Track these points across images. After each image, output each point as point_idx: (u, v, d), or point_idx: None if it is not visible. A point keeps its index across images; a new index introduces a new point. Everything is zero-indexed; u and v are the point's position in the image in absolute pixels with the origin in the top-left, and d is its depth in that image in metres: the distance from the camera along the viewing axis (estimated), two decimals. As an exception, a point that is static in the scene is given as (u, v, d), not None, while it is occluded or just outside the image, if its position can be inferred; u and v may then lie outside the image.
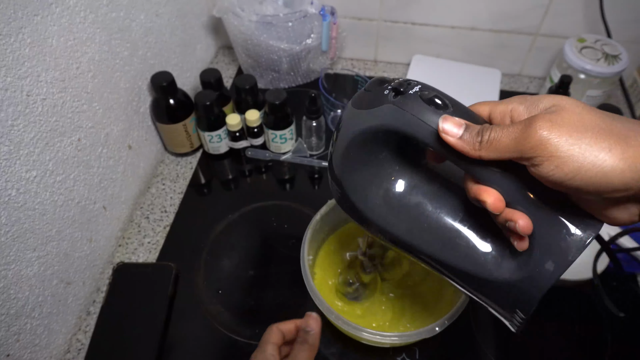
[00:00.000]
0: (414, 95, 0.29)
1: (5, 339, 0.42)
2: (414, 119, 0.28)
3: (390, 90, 0.30)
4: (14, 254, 0.42)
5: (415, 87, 0.29)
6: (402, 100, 0.29)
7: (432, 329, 0.40)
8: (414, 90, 0.29)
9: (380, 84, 0.31)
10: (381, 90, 0.30)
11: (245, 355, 0.49)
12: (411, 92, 0.29)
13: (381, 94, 0.30)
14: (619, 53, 0.64)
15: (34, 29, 0.41)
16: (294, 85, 0.79)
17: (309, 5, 0.68)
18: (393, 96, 0.30)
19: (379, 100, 0.30)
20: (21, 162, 0.42)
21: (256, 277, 0.55)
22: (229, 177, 0.68)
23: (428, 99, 0.28)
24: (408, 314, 0.48)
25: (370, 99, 0.31)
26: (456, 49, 0.78)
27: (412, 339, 0.42)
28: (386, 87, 0.30)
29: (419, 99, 0.29)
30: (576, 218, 0.27)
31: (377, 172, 0.34)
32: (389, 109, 0.29)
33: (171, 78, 0.60)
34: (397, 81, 0.30)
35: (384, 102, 0.30)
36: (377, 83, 0.31)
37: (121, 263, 0.55)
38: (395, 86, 0.30)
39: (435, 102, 0.28)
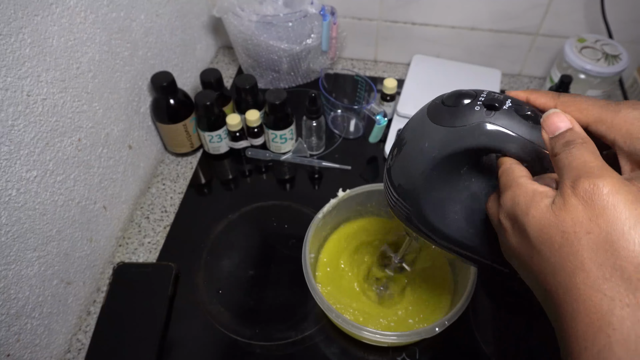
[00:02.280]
0: (509, 111, 0.28)
1: (5, 338, 0.42)
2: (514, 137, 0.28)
3: (482, 105, 0.29)
4: (14, 254, 0.42)
5: (508, 102, 0.29)
6: (498, 118, 0.28)
7: (432, 330, 0.40)
8: (507, 106, 0.28)
9: (462, 97, 0.30)
10: (469, 106, 0.29)
11: (246, 355, 0.50)
12: (505, 109, 0.28)
13: (470, 109, 0.29)
14: (619, 53, 0.64)
15: (34, 29, 0.41)
16: (294, 85, 0.79)
17: (309, 5, 0.68)
18: (486, 112, 0.28)
19: (469, 117, 0.29)
20: (21, 162, 0.42)
21: (256, 277, 0.55)
22: (229, 177, 0.68)
23: (523, 115, 0.28)
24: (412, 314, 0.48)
25: (455, 114, 0.29)
26: (456, 48, 0.78)
27: (412, 339, 0.42)
28: (475, 103, 0.29)
29: (516, 115, 0.28)
30: None
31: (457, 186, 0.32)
32: (485, 127, 0.28)
33: (171, 78, 0.60)
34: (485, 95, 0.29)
35: (477, 120, 0.28)
36: (458, 97, 0.30)
37: (121, 263, 0.55)
38: (487, 102, 0.29)
39: (530, 116, 0.28)
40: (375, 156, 0.69)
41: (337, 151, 0.69)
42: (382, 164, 0.68)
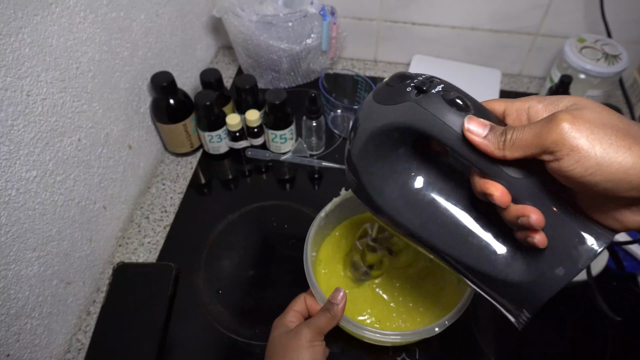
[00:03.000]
0: (436, 94, 0.29)
1: (5, 339, 0.42)
2: (435, 119, 0.28)
3: (413, 87, 0.30)
4: (14, 254, 0.42)
5: (438, 87, 0.29)
6: (424, 99, 0.29)
7: (432, 329, 0.40)
8: (437, 89, 0.29)
9: (403, 79, 0.31)
10: (403, 86, 0.30)
11: (246, 355, 0.50)
12: (434, 92, 0.29)
13: (403, 90, 0.30)
14: (619, 53, 0.64)
15: (33, 29, 0.41)
16: (294, 85, 0.79)
17: (309, 5, 0.68)
18: (415, 94, 0.29)
19: (400, 97, 0.30)
20: (21, 162, 0.42)
21: (256, 277, 0.55)
22: (229, 177, 0.68)
23: (450, 100, 0.28)
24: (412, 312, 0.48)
25: (392, 94, 0.31)
26: (456, 49, 0.78)
27: (412, 339, 0.42)
28: (409, 84, 0.30)
29: (441, 99, 0.29)
30: (588, 226, 0.27)
31: (395, 166, 0.34)
32: (410, 107, 0.29)
33: (171, 78, 0.60)
34: (420, 79, 0.30)
35: (406, 100, 0.30)
36: (400, 78, 0.31)
37: (121, 263, 0.55)
38: (418, 84, 0.30)
39: (457, 103, 0.28)
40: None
41: (337, 151, 0.69)
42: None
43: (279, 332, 0.39)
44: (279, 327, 0.39)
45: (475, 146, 0.27)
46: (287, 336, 0.38)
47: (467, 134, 0.27)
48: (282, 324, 0.40)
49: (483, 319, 0.51)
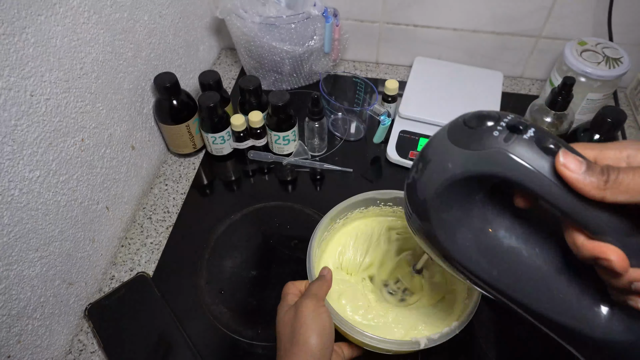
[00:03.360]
0: (528, 140, 0.26)
1: (6, 340, 0.42)
2: (529, 169, 0.26)
3: (500, 131, 0.27)
4: (17, 254, 0.42)
5: (530, 131, 0.27)
6: (515, 147, 0.26)
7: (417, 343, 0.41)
8: (529, 135, 0.26)
9: (484, 120, 0.28)
10: (488, 129, 0.28)
11: (248, 355, 0.49)
12: (525, 137, 0.26)
13: (489, 134, 0.27)
14: (620, 56, 0.64)
15: (37, 29, 0.41)
16: (296, 87, 0.79)
17: (311, 7, 0.68)
18: (504, 139, 0.27)
19: (486, 142, 0.27)
20: (24, 162, 0.42)
21: (258, 277, 0.55)
22: (232, 178, 0.68)
23: (545, 148, 0.26)
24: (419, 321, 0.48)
25: (474, 137, 0.28)
26: (458, 51, 0.78)
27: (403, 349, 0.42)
28: (494, 127, 0.27)
29: (535, 146, 0.26)
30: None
31: (471, 212, 0.31)
32: (500, 155, 0.27)
33: (174, 79, 0.60)
34: (507, 121, 0.28)
35: (494, 146, 0.27)
36: (481, 119, 0.29)
37: (89, 305, 0.52)
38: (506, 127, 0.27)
39: (551, 149, 0.26)
40: (377, 156, 0.69)
41: (337, 153, 0.69)
42: (384, 166, 0.68)
43: (283, 313, 0.39)
44: (283, 308, 0.40)
45: (570, 184, 0.25)
46: (290, 314, 0.38)
47: (562, 169, 0.25)
48: (286, 304, 0.40)
49: (486, 323, 0.51)
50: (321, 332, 0.37)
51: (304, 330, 0.36)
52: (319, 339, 0.36)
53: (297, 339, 0.36)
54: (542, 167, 0.26)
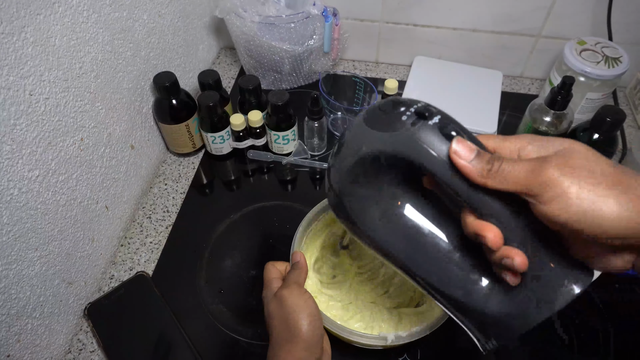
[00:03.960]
0: (432, 126, 0.28)
1: (5, 339, 0.42)
2: (430, 152, 0.28)
3: (409, 116, 0.29)
4: (16, 254, 0.42)
5: (435, 118, 0.29)
6: (420, 131, 0.28)
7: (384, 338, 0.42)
8: (434, 121, 0.29)
9: (397, 106, 0.30)
10: (398, 114, 0.30)
11: (247, 355, 0.49)
12: (430, 123, 0.29)
13: (398, 118, 0.30)
14: (619, 56, 0.64)
15: (36, 28, 0.41)
16: (296, 87, 0.79)
17: (311, 6, 0.68)
18: (411, 124, 0.29)
19: (395, 125, 0.29)
20: (23, 162, 0.42)
21: (258, 277, 0.55)
22: (231, 177, 0.68)
23: (447, 134, 0.28)
24: None
25: (385, 120, 0.30)
26: (458, 50, 0.78)
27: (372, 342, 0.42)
28: (404, 112, 0.30)
29: (438, 132, 0.28)
30: (569, 267, 0.27)
31: (379, 190, 0.33)
32: (405, 137, 0.29)
33: (174, 78, 0.60)
34: (416, 107, 0.30)
35: (401, 128, 0.29)
36: (394, 104, 0.31)
37: (88, 304, 0.52)
38: (414, 113, 0.29)
39: (452, 136, 0.28)
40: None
41: (338, 152, 0.69)
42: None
43: (267, 302, 0.40)
44: (268, 297, 0.41)
45: (459, 169, 0.27)
46: (274, 305, 0.39)
47: (453, 155, 0.27)
48: (271, 293, 0.41)
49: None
50: (311, 317, 0.37)
51: (294, 318, 0.37)
52: (311, 324, 0.37)
53: (289, 327, 0.37)
54: (441, 151, 0.28)
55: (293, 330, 0.36)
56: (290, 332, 0.37)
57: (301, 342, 0.36)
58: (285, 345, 0.36)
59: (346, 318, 0.48)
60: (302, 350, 0.36)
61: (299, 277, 0.42)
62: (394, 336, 0.41)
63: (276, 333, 0.38)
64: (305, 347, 0.36)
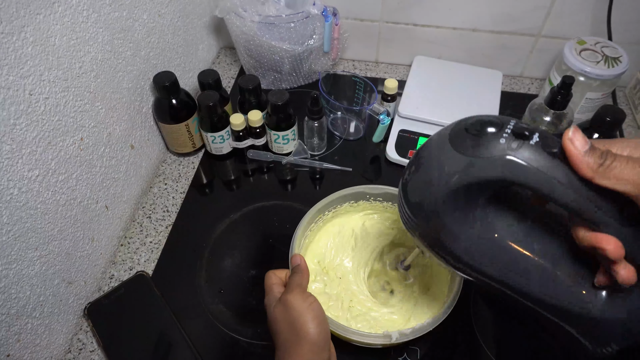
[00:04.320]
0: (535, 146, 0.27)
1: (5, 338, 0.42)
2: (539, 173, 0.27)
3: (506, 138, 0.28)
4: (16, 253, 0.42)
5: (535, 137, 0.28)
6: (524, 153, 0.27)
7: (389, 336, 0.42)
8: (535, 140, 0.28)
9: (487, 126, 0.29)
10: (493, 136, 0.28)
11: (247, 354, 0.49)
12: (532, 143, 0.27)
13: (495, 141, 0.28)
14: (619, 55, 0.64)
15: (36, 28, 0.41)
16: (295, 86, 0.79)
17: (311, 6, 0.68)
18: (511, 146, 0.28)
19: (493, 149, 0.28)
20: (23, 161, 0.42)
21: (258, 276, 0.55)
22: (231, 177, 0.68)
23: (550, 152, 0.27)
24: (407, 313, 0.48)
25: (478, 143, 0.29)
26: (458, 50, 0.78)
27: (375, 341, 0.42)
28: (500, 134, 0.28)
29: (543, 151, 0.27)
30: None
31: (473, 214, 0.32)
32: (510, 162, 0.28)
33: (174, 78, 0.60)
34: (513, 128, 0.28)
35: (502, 153, 0.28)
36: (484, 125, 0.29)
37: (88, 304, 0.52)
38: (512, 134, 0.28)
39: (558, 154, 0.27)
40: (377, 156, 0.69)
41: (337, 152, 0.69)
42: (383, 165, 0.68)
43: (272, 308, 0.40)
44: (272, 303, 0.40)
45: (570, 158, 0.26)
46: (280, 310, 0.39)
47: (567, 143, 0.26)
48: (274, 298, 0.40)
49: (484, 318, 0.51)
50: (318, 320, 0.37)
51: (301, 322, 0.37)
52: (318, 327, 0.37)
53: (297, 332, 0.36)
54: (549, 169, 0.27)
55: (300, 333, 0.36)
56: (297, 335, 0.36)
57: (309, 344, 0.36)
58: (293, 348, 0.36)
59: (348, 318, 0.48)
60: (310, 353, 0.36)
61: (300, 280, 0.41)
62: (398, 334, 0.41)
63: (283, 337, 0.37)
64: (313, 350, 0.36)
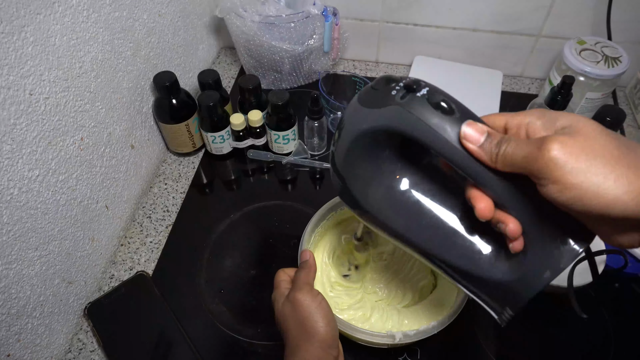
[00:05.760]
0: (421, 98, 0.29)
1: (6, 338, 0.42)
2: (419, 122, 0.28)
3: (398, 90, 0.30)
4: (16, 253, 0.42)
5: (423, 90, 0.29)
6: (408, 103, 0.29)
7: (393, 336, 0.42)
8: (422, 92, 0.29)
9: (388, 82, 0.31)
10: (388, 89, 0.31)
11: (247, 354, 0.49)
12: (419, 95, 0.29)
13: (388, 93, 0.30)
14: (619, 55, 0.64)
15: (36, 28, 0.41)
16: (295, 86, 0.79)
17: (311, 6, 0.68)
18: (400, 97, 0.30)
19: (385, 100, 0.30)
20: (23, 161, 0.42)
21: (258, 276, 0.55)
22: (231, 177, 0.68)
23: (435, 103, 0.28)
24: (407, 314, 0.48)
25: (376, 97, 0.31)
26: (458, 50, 0.78)
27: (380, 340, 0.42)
28: (394, 87, 0.30)
29: (426, 102, 0.29)
30: (572, 229, 0.28)
31: (379, 168, 0.34)
32: (395, 111, 0.29)
33: (174, 78, 0.60)
34: (405, 81, 0.30)
35: (391, 103, 0.30)
36: (385, 81, 0.31)
37: (88, 303, 0.52)
38: (403, 87, 0.30)
39: (442, 106, 0.28)
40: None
41: (338, 152, 0.69)
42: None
43: (280, 305, 0.40)
44: (280, 299, 0.40)
45: (470, 153, 0.27)
46: (288, 307, 0.39)
47: (464, 141, 0.27)
48: (281, 294, 0.41)
49: (483, 318, 0.51)
50: (327, 319, 0.38)
51: (311, 320, 0.37)
52: (328, 325, 0.37)
53: (308, 329, 0.37)
54: (432, 121, 0.28)
55: (311, 331, 0.37)
56: (308, 333, 0.37)
57: (319, 341, 0.36)
58: (303, 345, 0.36)
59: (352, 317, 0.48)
60: (320, 350, 0.36)
61: (307, 276, 0.42)
62: (402, 334, 0.42)
63: (292, 335, 0.38)
64: (323, 347, 0.36)
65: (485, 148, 0.27)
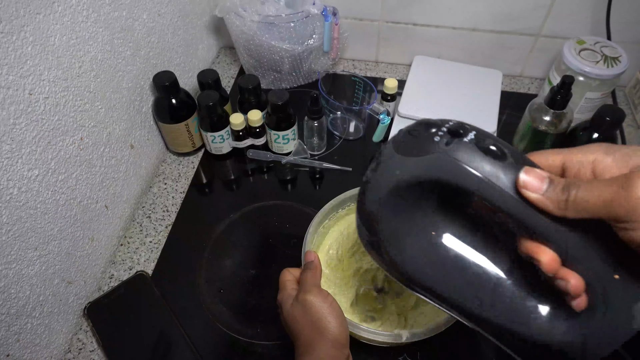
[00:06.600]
0: (468, 143, 0.26)
1: (5, 338, 0.42)
2: (470, 171, 0.26)
3: (442, 136, 0.27)
4: (15, 253, 0.42)
5: (470, 134, 0.27)
6: (455, 150, 0.26)
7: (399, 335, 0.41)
8: (469, 137, 0.27)
9: (428, 127, 0.28)
10: (430, 135, 0.28)
11: (247, 354, 0.49)
12: (465, 140, 0.27)
13: (430, 139, 0.27)
14: (618, 55, 0.64)
15: (36, 27, 0.41)
16: (295, 86, 0.79)
17: (311, 5, 0.68)
18: (445, 143, 0.27)
19: (427, 147, 0.27)
20: (23, 161, 0.42)
21: (258, 276, 0.55)
22: (231, 177, 0.68)
23: (485, 148, 0.26)
24: None
25: (416, 144, 0.28)
26: (457, 49, 0.78)
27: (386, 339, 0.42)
28: (436, 133, 0.27)
29: (475, 148, 0.26)
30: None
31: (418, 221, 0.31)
32: (440, 159, 0.27)
33: (173, 78, 0.60)
34: (448, 125, 0.28)
35: (434, 150, 0.27)
36: (425, 126, 0.29)
37: (88, 303, 0.52)
38: (447, 132, 0.27)
39: (492, 151, 0.26)
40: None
41: (337, 152, 0.69)
42: (383, 165, 0.68)
43: (289, 307, 0.40)
44: (288, 301, 0.40)
45: (532, 203, 0.24)
46: (298, 309, 0.39)
47: (523, 190, 0.24)
48: (289, 295, 0.41)
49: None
50: (339, 319, 0.38)
51: (324, 321, 0.38)
52: (340, 326, 0.38)
53: (321, 330, 0.37)
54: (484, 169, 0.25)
55: (324, 332, 0.37)
56: (321, 333, 0.37)
57: (332, 341, 0.37)
58: (317, 345, 0.37)
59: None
60: (334, 349, 0.37)
61: (314, 277, 0.42)
62: (409, 333, 0.42)
63: (304, 335, 0.38)
64: (337, 346, 0.37)
65: (551, 196, 0.24)
